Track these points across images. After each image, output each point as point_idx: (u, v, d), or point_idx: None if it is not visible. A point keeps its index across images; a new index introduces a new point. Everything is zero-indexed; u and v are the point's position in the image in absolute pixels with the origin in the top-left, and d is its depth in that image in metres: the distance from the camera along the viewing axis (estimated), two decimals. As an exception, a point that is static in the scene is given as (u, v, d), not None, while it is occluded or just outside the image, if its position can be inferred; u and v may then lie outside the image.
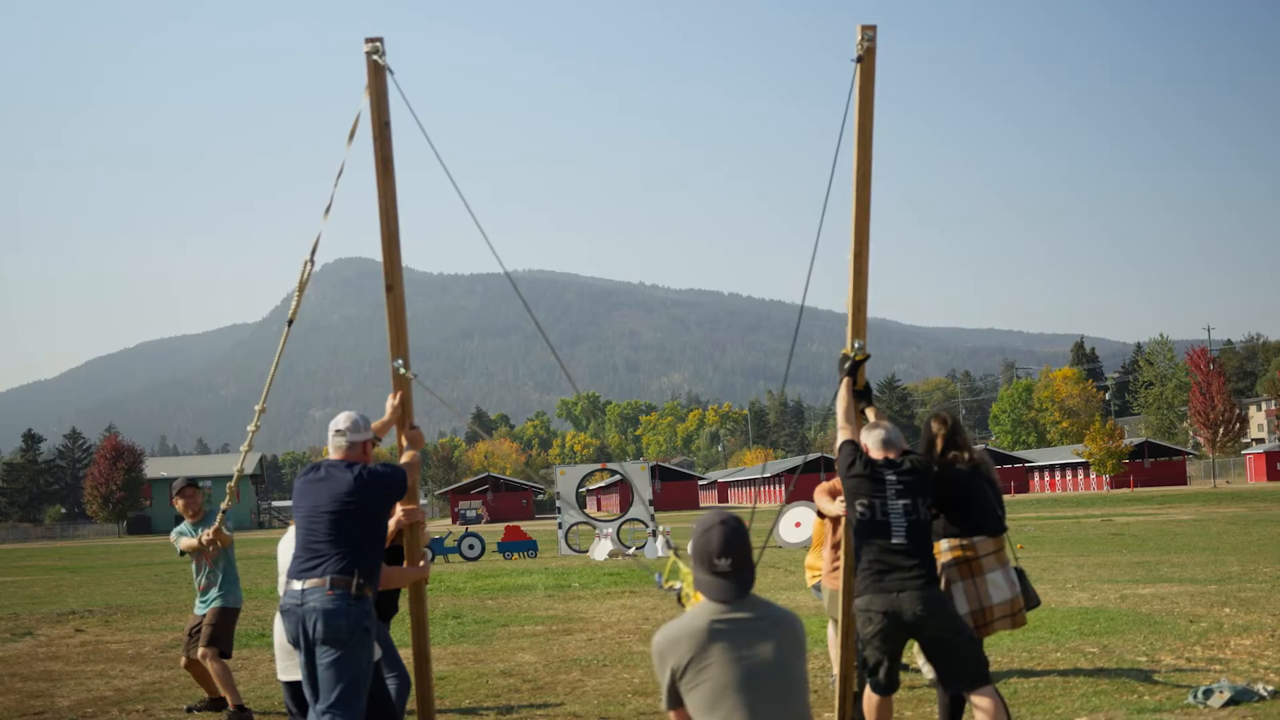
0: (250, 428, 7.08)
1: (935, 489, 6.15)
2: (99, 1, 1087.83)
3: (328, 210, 6.46)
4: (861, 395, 6.32)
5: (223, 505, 8.73)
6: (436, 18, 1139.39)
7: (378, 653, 6.01)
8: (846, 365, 6.28)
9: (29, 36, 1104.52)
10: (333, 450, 5.77)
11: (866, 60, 6.21)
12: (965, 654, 5.73)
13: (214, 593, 9.02)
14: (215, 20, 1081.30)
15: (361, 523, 5.54)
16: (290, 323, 6.52)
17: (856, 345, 6.29)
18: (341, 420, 5.80)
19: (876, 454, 5.95)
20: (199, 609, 9.10)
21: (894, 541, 5.74)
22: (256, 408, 6.93)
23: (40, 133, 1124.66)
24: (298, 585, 5.49)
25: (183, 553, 9.14)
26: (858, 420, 6.23)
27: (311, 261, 6.43)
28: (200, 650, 8.86)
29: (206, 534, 8.88)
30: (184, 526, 9.23)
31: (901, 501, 5.78)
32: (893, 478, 5.83)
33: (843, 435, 6.10)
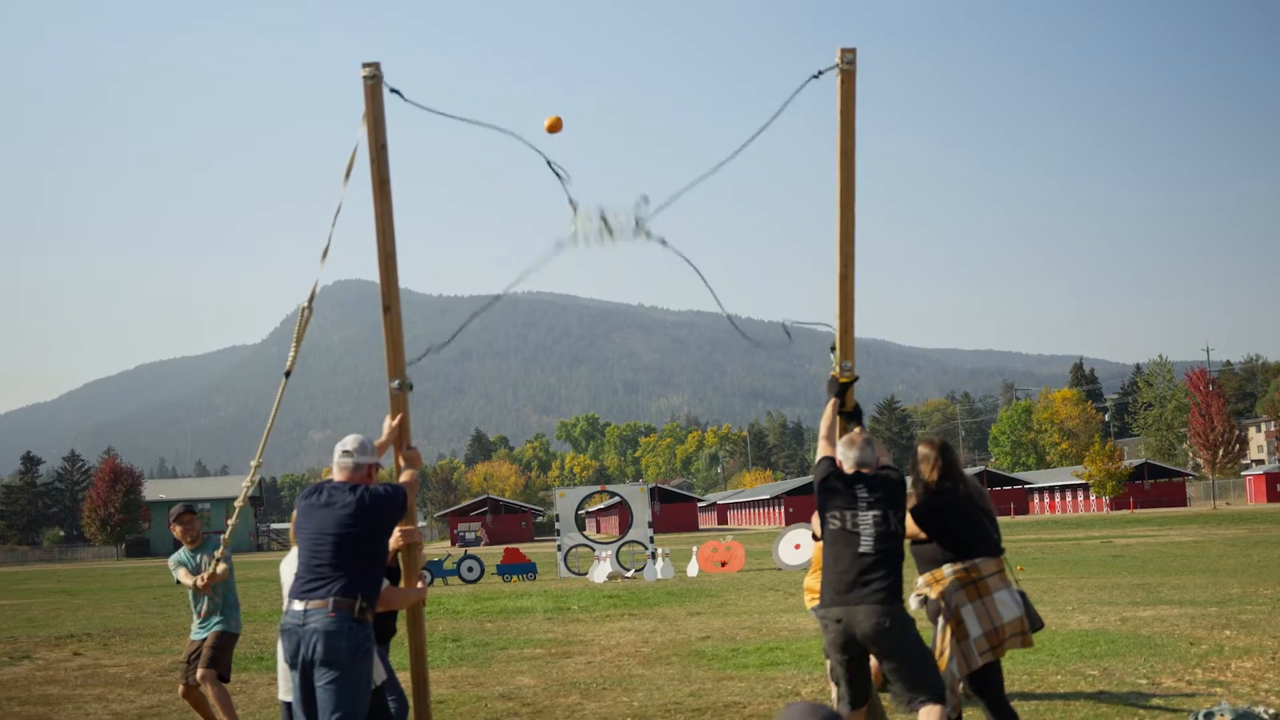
0: (254, 462, 7.10)
1: (924, 514, 6.22)
2: (83, 33, 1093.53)
3: (324, 254, 6.48)
4: (851, 417, 6.38)
5: (225, 534, 8.66)
6: (442, 36, 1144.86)
7: (381, 675, 6.02)
8: (835, 388, 6.35)
9: (29, 52, 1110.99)
10: (337, 470, 5.82)
11: (846, 83, 6.24)
12: (920, 670, 5.72)
13: (215, 619, 8.96)
14: (206, 44, 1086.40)
15: (365, 544, 5.59)
16: (287, 375, 6.55)
17: (845, 367, 6.34)
18: (350, 442, 5.88)
19: (850, 470, 6.02)
20: (197, 634, 9.04)
21: (861, 550, 5.80)
22: (253, 463, 7.02)
23: (38, 155, 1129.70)
24: (300, 605, 5.51)
25: (180, 582, 9.08)
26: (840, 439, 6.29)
27: (310, 308, 6.46)
28: (200, 672, 8.81)
29: (202, 578, 8.76)
30: (182, 554, 9.13)
31: (872, 513, 5.85)
32: (864, 491, 5.91)
33: (822, 452, 6.20)
